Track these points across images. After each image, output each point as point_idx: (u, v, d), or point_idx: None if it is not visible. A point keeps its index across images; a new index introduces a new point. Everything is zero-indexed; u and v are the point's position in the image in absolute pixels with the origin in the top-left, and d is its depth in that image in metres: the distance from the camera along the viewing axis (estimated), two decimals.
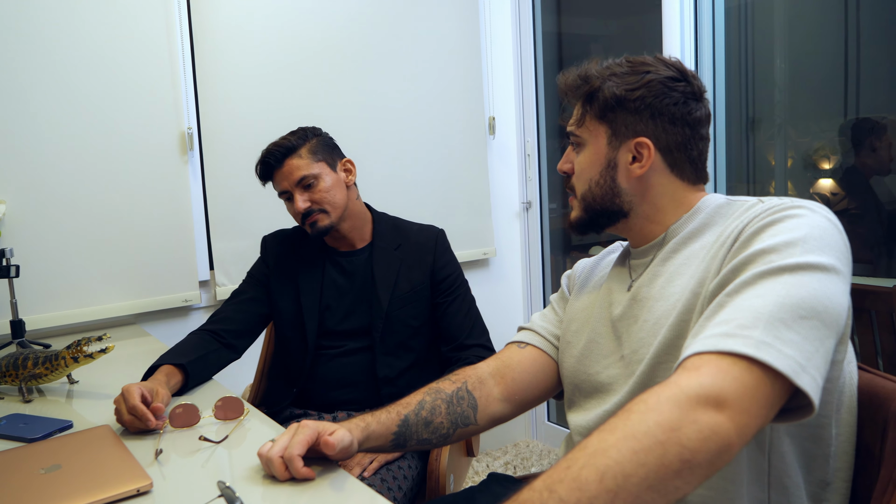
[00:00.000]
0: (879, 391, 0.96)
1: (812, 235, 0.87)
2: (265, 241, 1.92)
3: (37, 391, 1.60)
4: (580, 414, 1.15)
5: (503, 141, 3.12)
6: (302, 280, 1.83)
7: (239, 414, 1.35)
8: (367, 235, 1.87)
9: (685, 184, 1.10)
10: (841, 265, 0.86)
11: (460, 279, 1.90)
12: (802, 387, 0.76)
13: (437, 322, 1.86)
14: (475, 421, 1.21)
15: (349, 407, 1.78)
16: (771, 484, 0.94)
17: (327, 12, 2.55)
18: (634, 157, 1.07)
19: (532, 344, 1.27)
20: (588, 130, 1.11)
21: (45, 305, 2.11)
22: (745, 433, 0.75)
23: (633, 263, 1.15)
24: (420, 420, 1.16)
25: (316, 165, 1.77)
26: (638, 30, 2.98)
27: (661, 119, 1.06)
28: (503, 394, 1.24)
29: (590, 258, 1.32)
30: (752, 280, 0.85)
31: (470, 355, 1.81)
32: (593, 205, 1.11)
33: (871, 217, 2.39)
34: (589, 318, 1.18)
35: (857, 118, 2.35)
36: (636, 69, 1.08)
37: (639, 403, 0.77)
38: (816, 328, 0.80)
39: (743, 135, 2.59)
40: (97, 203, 2.18)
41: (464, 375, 1.24)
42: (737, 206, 1.04)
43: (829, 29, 2.42)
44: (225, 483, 0.99)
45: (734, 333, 0.79)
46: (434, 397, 1.19)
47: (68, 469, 1.09)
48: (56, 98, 2.10)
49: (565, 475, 0.73)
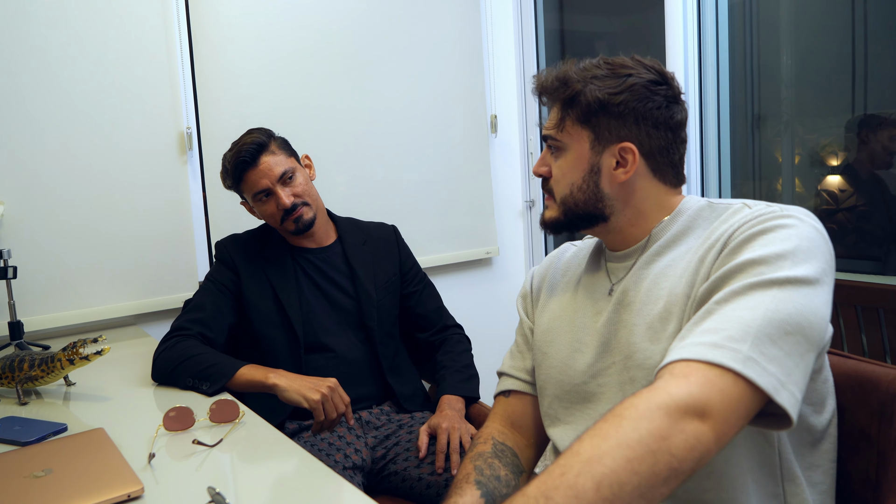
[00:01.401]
0: (870, 376, 1.03)
1: (801, 247, 0.89)
2: (223, 245, 1.85)
3: (33, 393, 1.59)
4: (563, 429, 1.13)
5: (505, 139, 3.09)
6: (274, 278, 1.78)
7: (234, 417, 1.33)
8: (332, 233, 1.89)
9: (667, 187, 1.09)
10: (826, 276, 0.90)
11: (421, 269, 2.01)
12: (781, 403, 0.79)
13: (410, 311, 1.93)
14: (524, 467, 1.21)
15: (360, 405, 1.76)
16: (784, 476, 0.97)
17: (327, 12, 2.54)
18: (618, 161, 1.06)
19: (514, 390, 1.26)
20: (569, 135, 1.09)
21: (43, 307, 2.09)
22: (723, 442, 0.78)
23: (611, 266, 1.13)
24: (491, 479, 1.11)
25: (289, 160, 1.77)
26: (641, 27, 2.96)
27: (644, 123, 1.05)
28: (526, 441, 1.24)
29: (540, 267, 1.30)
30: (742, 290, 0.86)
31: (451, 335, 1.93)
32: (574, 209, 1.10)
33: (880, 214, 2.36)
34: (566, 326, 1.15)
35: (864, 114, 2.33)
36: (616, 72, 1.06)
37: (629, 409, 0.77)
38: (799, 343, 0.83)
39: (749, 132, 2.56)
40: (96, 204, 2.16)
41: (486, 434, 1.21)
42: (720, 209, 1.05)
43: (836, 24, 2.40)
44: (215, 489, 0.97)
45: (723, 345, 0.81)
46: (484, 458, 1.15)
47: (60, 473, 1.08)
48: (54, 98, 2.09)
49: (561, 482, 0.72)
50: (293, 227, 1.76)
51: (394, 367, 1.84)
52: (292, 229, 1.77)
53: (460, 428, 1.60)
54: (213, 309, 1.74)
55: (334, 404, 1.48)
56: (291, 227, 1.77)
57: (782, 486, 0.97)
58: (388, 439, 1.71)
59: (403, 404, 1.80)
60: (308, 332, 1.77)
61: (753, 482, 0.96)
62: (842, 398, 1.05)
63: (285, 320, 1.76)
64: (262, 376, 1.52)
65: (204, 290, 1.78)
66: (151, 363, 1.64)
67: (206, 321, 1.71)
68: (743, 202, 1.03)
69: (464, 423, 1.63)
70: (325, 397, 1.47)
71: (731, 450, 0.94)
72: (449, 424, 1.60)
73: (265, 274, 1.79)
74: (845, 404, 1.05)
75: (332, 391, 1.49)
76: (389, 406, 1.81)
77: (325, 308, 1.81)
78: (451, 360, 1.84)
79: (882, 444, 1.00)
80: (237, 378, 1.54)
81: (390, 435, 1.72)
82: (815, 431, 0.99)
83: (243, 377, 1.54)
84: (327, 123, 2.54)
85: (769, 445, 0.96)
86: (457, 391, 1.75)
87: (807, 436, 0.99)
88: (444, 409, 1.67)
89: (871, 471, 1.01)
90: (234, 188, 1.81)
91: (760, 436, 0.96)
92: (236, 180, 1.77)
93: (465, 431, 1.61)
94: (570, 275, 1.22)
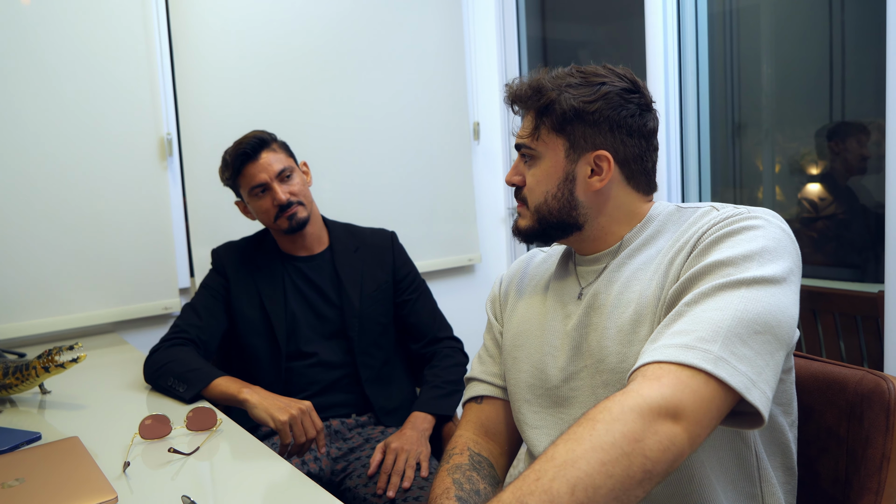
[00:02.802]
0: (837, 377, 1.06)
1: (767, 248, 0.91)
2: (217, 252, 1.87)
3: (8, 402, 1.56)
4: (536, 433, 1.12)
5: (488, 146, 3.10)
6: (263, 286, 1.79)
7: (211, 425, 1.32)
8: (324, 240, 1.88)
9: (639, 195, 1.10)
10: (793, 275, 0.91)
11: (419, 277, 1.96)
12: (753, 402, 0.80)
13: (403, 320, 1.90)
14: (500, 477, 1.20)
15: (338, 412, 1.75)
16: (761, 477, 0.98)
17: (310, 16, 2.53)
18: (593, 170, 1.07)
19: (487, 395, 1.25)
20: (544, 143, 1.08)
21: (19, 313, 2.06)
22: (696, 442, 0.79)
23: (580, 270, 1.13)
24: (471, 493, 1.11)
25: (288, 160, 1.78)
26: (622, 35, 2.98)
27: (619, 131, 1.06)
28: (500, 449, 1.23)
29: (509, 271, 1.31)
30: (711, 292, 0.88)
31: (443, 348, 1.88)
32: (548, 217, 1.10)
33: (858, 222, 2.39)
34: (536, 330, 1.15)
35: (834, 123, 2.36)
36: (590, 80, 1.06)
37: (603, 412, 0.78)
38: (769, 342, 0.84)
39: (729, 140, 2.58)
40: (74, 209, 2.14)
41: (461, 445, 1.20)
42: (688, 212, 1.07)
43: (815, 34, 2.43)
44: (189, 498, 0.96)
45: (694, 346, 0.82)
46: (462, 471, 1.14)
47: (32, 483, 1.06)
48: (32, 103, 2.06)
49: (535, 487, 0.73)
50: (286, 225, 1.75)
51: (379, 378, 1.81)
52: (285, 227, 1.76)
53: (409, 450, 1.56)
54: (206, 314, 1.76)
55: (304, 428, 1.45)
56: (285, 225, 1.76)
57: (759, 487, 0.98)
58: (351, 453, 1.69)
59: (382, 419, 1.78)
60: (290, 341, 1.77)
61: (731, 483, 0.97)
62: (809, 399, 1.08)
63: (269, 329, 1.76)
64: (236, 390, 1.50)
65: (199, 295, 1.81)
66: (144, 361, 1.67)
67: (200, 325, 1.74)
68: (711, 205, 1.05)
69: (418, 446, 1.59)
70: (294, 419, 1.44)
71: (709, 452, 0.95)
72: (399, 445, 1.57)
73: (254, 282, 1.79)
74: (813, 405, 1.08)
75: (302, 413, 1.45)
76: (368, 418, 1.79)
77: (308, 317, 1.80)
78: (434, 375, 1.80)
79: (851, 443, 1.03)
80: (212, 387, 1.53)
81: (355, 448, 1.70)
82: (784, 431, 1.00)
83: (218, 388, 1.53)
84: (309, 129, 2.53)
85: (746, 447, 0.97)
86: (426, 408, 1.71)
87: (778, 435, 1.00)
88: (405, 429, 1.64)
89: (841, 469, 1.04)
90: (232, 182, 1.80)
91: (738, 438, 0.97)
92: (235, 173, 1.76)
93: (414, 455, 1.56)
94: (539, 279, 1.22)
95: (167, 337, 1.71)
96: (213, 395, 1.53)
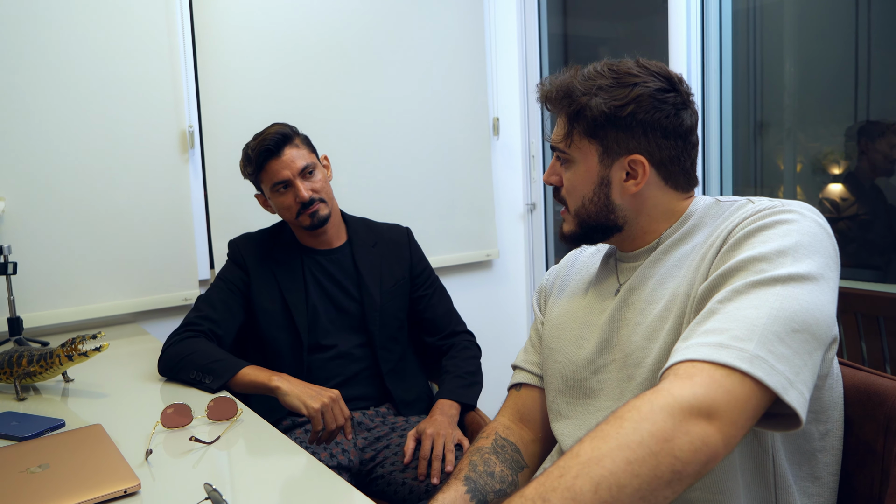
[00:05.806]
0: (878, 389, 0.99)
1: (802, 243, 0.87)
2: (236, 243, 1.86)
3: (32, 389, 1.58)
4: (565, 424, 1.13)
5: (507, 142, 3.09)
6: (283, 279, 1.79)
7: (232, 414, 1.33)
8: (343, 234, 1.88)
9: (678, 192, 1.08)
10: (830, 272, 0.87)
11: (433, 272, 1.98)
12: (790, 403, 0.77)
13: (419, 315, 1.91)
14: (526, 463, 1.20)
15: (357, 405, 1.76)
16: (777, 483, 0.95)
17: (331, 12, 2.54)
18: (628, 173, 1.05)
19: (526, 383, 1.26)
20: (577, 148, 1.06)
21: (43, 303, 2.09)
22: (731, 444, 0.76)
23: (621, 266, 1.13)
24: (483, 475, 1.11)
25: (311, 156, 1.78)
26: (644, 32, 2.96)
27: (653, 134, 1.03)
28: (532, 435, 1.23)
29: (559, 264, 1.31)
30: (745, 289, 0.85)
31: (461, 341, 1.90)
32: (588, 221, 1.09)
33: (881, 223, 2.36)
34: (573, 323, 1.16)
35: (864, 122, 2.33)
36: (622, 81, 1.02)
37: (631, 411, 0.76)
38: (807, 342, 0.81)
39: (751, 138, 2.56)
40: (97, 201, 2.16)
41: (490, 429, 1.21)
42: (725, 206, 1.03)
43: (839, 32, 2.40)
44: (212, 486, 0.97)
45: (729, 345, 0.79)
46: (481, 454, 1.15)
47: (56, 469, 1.08)
48: (55, 95, 2.09)
49: (558, 484, 0.72)
50: (308, 223, 1.76)
51: (397, 371, 1.83)
52: (307, 224, 1.76)
53: (446, 434, 1.57)
54: (222, 307, 1.75)
55: (334, 416, 1.47)
56: (307, 223, 1.76)
57: (775, 494, 0.95)
58: (378, 441, 1.70)
59: (401, 410, 1.79)
60: (311, 334, 1.78)
61: (744, 487, 0.94)
62: (850, 410, 1.02)
63: (290, 322, 1.77)
64: (266, 378, 1.51)
65: (215, 287, 1.79)
66: (159, 356, 1.65)
67: (215, 318, 1.72)
68: (748, 199, 1.01)
69: (452, 430, 1.60)
70: (326, 407, 1.46)
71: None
72: (434, 430, 1.58)
73: (274, 275, 1.79)
74: (853, 417, 1.02)
75: (333, 402, 1.47)
76: (387, 409, 1.80)
77: (328, 310, 1.80)
78: (454, 366, 1.82)
79: (886, 460, 0.97)
80: (240, 377, 1.54)
81: (381, 437, 1.71)
82: (812, 440, 0.97)
83: (247, 377, 1.54)
84: (329, 124, 2.54)
85: (763, 450, 0.94)
86: (452, 396, 1.73)
87: (803, 443, 0.97)
88: (435, 415, 1.65)
89: (875, 487, 0.98)
90: (254, 177, 1.80)
91: (754, 439, 0.94)
92: (258, 168, 1.75)
93: (451, 438, 1.57)
94: (584, 274, 1.22)
95: (179, 331, 1.70)
96: (242, 384, 1.54)
